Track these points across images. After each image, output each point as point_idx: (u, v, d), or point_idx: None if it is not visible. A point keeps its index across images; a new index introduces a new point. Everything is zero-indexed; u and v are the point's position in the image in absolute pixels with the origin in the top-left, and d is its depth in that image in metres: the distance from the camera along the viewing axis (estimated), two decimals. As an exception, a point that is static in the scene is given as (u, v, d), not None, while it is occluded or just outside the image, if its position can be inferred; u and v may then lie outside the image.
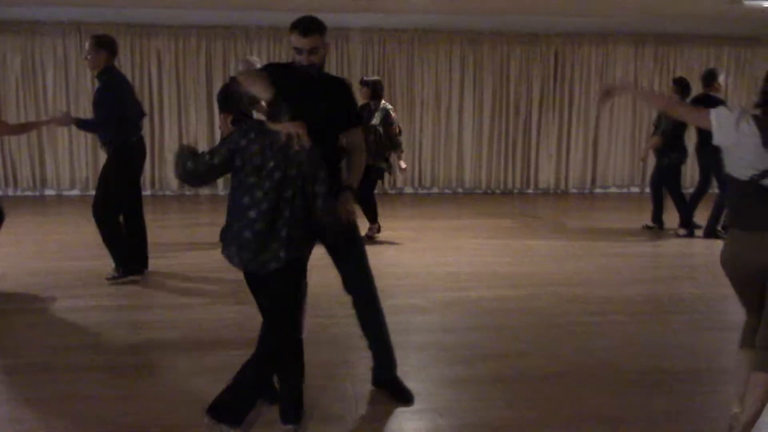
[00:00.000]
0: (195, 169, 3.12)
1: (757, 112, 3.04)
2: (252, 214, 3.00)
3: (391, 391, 3.76)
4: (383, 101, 7.60)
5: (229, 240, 3.10)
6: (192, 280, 6.09)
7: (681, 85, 8.23)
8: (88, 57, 5.71)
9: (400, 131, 7.73)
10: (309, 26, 3.36)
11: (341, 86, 3.65)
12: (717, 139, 3.09)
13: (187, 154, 3.14)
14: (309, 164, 3.03)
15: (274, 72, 3.43)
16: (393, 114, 7.58)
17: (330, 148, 3.45)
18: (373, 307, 3.70)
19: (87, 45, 5.76)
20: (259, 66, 6.94)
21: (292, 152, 3.01)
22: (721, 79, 8.20)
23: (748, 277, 3.14)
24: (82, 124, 6.06)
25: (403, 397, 3.72)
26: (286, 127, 3.05)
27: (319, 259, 3.55)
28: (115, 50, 5.78)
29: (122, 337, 4.66)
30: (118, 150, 5.72)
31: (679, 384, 4.03)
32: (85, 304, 5.32)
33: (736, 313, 5.40)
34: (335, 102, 3.54)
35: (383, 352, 3.77)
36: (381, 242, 7.63)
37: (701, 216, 8.34)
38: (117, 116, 5.60)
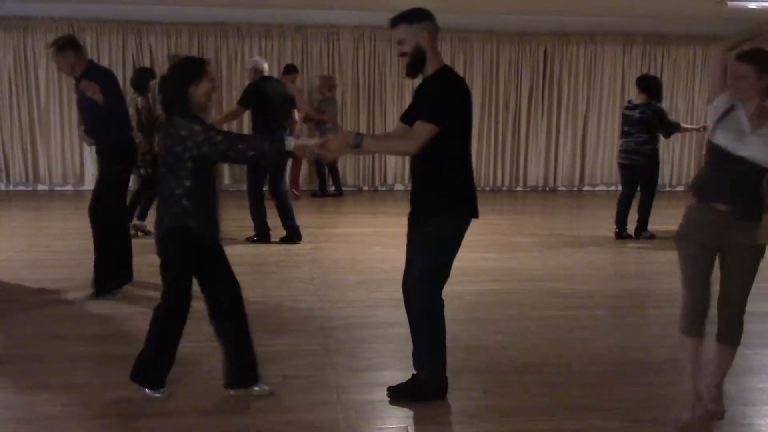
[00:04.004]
0: None
1: None
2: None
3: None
4: None
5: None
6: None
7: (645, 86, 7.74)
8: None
9: None
10: (393, 18, 3.35)
11: (425, 80, 3.49)
12: None
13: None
14: None
15: None
16: None
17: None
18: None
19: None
20: (265, 65, 7.33)
21: None
22: None
23: None
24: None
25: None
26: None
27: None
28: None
29: (113, 327, 4.77)
30: None
31: (651, 374, 4.15)
32: (74, 297, 5.42)
33: (710, 307, 5.56)
34: (418, 97, 3.51)
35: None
36: (370, 238, 7.76)
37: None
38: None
